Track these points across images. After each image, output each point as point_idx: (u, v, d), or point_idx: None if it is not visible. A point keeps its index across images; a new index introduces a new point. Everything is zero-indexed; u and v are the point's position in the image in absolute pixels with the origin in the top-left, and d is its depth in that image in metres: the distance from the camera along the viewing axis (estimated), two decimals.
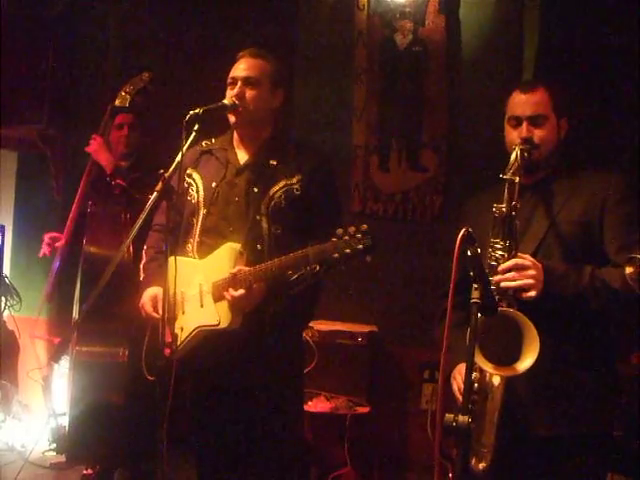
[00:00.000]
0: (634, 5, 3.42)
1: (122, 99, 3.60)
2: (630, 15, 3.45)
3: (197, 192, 2.59)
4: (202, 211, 2.57)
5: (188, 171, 2.63)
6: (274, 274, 2.36)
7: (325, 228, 2.32)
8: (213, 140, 2.70)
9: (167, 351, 2.39)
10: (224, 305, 2.44)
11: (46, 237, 3.81)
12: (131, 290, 2.81)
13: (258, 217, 2.50)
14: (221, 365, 2.53)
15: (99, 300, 2.40)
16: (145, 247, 2.72)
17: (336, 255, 2.21)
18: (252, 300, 2.41)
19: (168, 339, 2.35)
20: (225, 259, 2.47)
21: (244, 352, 2.48)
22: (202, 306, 2.50)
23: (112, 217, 3.54)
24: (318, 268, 2.28)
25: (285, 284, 2.38)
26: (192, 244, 2.57)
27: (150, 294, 2.55)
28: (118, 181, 3.57)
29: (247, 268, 2.41)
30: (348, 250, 2.19)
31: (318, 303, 2.67)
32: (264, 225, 2.49)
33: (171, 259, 2.44)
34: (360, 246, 2.19)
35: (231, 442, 2.61)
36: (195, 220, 2.57)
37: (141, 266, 2.69)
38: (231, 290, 2.40)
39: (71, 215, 3.70)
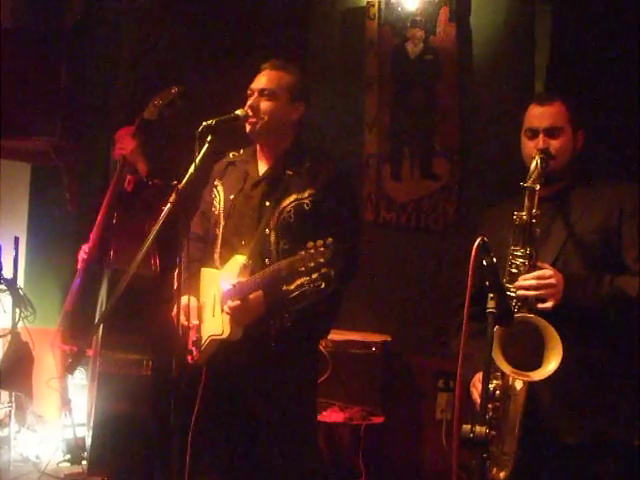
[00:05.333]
0: None
1: (151, 112, 3.55)
2: None
3: (219, 204, 2.64)
4: (222, 223, 2.60)
5: (215, 182, 2.68)
6: (262, 287, 2.39)
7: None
8: (241, 151, 2.72)
9: (189, 358, 2.47)
10: (226, 316, 2.48)
11: (82, 251, 3.75)
12: (156, 303, 2.81)
13: (267, 231, 2.50)
14: (232, 376, 2.56)
15: (124, 312, 2.40)
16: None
17: (303, 268, 2.23)
18: (249, 312, 2.44)
19: (189, 347, 2.44)
20: (232, 271, 2.51)
21: (252, 365, 2.51)
22: (213, 316, 2.55)
23: (137, 230, 3.51)
24: (323, 285, 2.28)
25: (285, 299, 2.40)
26: (217, 254, 2.61)
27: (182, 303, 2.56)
28: (156, 181, 3.54)
29: (244, 280, 2.44)
30: (312, 264, 2.21)
31: (333, 319, 2.66)
32: (272, 240, 2.50)
33: (203, 269, 2.53)
34: (321, 259, 2.20)
35: (241, 456, 2.61)
36: (217, 231, 2.62)
37: (175, 275, 2.70)
38: (229, 301, 2.44)
39: (96, 227, 3.67)
